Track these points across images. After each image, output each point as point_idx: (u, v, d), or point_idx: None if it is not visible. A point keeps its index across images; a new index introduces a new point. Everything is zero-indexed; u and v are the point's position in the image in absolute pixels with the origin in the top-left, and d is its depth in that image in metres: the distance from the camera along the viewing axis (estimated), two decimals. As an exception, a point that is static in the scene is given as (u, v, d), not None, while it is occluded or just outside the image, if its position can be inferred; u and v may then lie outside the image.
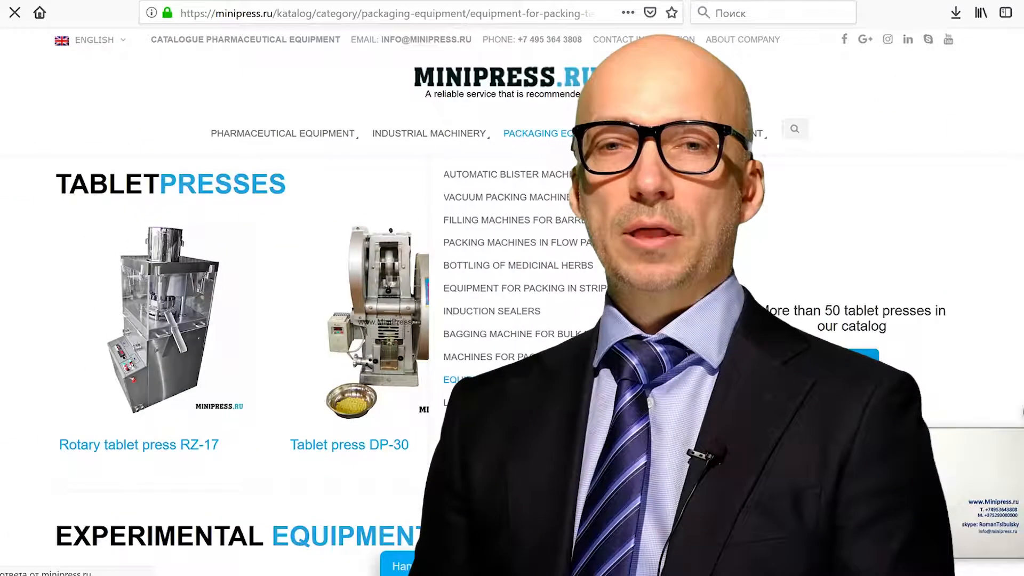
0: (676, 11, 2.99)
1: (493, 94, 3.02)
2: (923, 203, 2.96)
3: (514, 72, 3.02)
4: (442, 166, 3.02)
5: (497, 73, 3.02)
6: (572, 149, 1.74)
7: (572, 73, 3.01)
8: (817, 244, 2.97)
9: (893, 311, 2.97)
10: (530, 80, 3.02)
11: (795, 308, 2.97)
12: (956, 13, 2.96)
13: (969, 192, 2.96)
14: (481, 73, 3.02)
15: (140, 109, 3.00)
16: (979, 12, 2.96)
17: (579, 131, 1.72)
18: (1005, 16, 2.96)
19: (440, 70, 3.01)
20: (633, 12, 3.00)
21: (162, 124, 3.00)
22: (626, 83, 1.69)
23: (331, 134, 3.00)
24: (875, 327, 2.97)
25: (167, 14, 3.02)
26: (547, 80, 3.02)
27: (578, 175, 1.75)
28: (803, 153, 2.95)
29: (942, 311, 2.97)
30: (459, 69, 3.01)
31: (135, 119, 3.00)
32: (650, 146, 1.66)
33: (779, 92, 2.96)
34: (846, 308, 2.98)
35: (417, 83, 3.01)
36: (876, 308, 2.97)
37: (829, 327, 2.96)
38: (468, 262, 3.02)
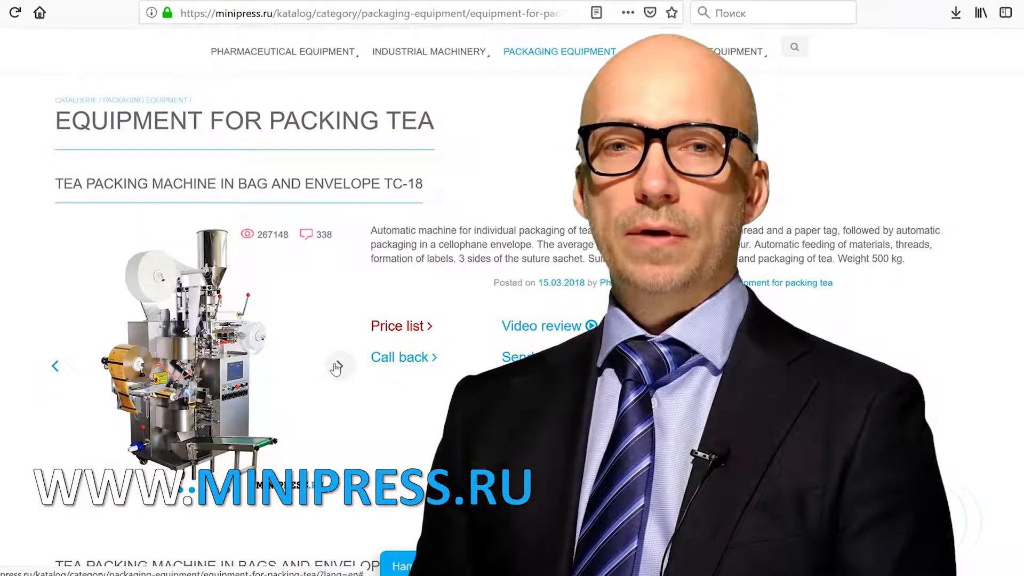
0: (676, 11, 2.99)
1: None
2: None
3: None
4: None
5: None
6: (577, 149, 1.74)
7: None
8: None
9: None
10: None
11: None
12: (956, 13, 2.96)
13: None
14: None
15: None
16: (979, 12, 2.96)
17: (584, 132, 1.72)
18: (1005, 16, 2.96)
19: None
20: (633, 12, 3.00)
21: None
22: (632, 84, 1.69)
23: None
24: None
25: (167, 14, 3.02)
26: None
27: (583, 175, 1.75)
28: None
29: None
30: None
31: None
32: (656, 148, 1.67)
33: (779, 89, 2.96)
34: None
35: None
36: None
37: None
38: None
